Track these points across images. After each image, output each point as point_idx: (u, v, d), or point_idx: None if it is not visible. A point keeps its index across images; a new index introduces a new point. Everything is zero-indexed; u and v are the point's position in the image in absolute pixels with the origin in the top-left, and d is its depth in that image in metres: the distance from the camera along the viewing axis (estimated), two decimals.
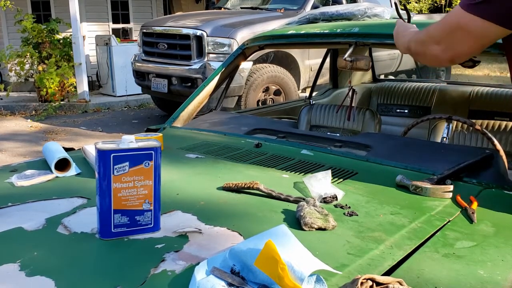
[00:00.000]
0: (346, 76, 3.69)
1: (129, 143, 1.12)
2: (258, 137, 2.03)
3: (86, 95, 8.29)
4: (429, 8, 17.00)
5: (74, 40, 8.10)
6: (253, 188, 1.39)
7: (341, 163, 1.66)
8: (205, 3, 12.56)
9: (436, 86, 3.42)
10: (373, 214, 1.27)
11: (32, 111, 7.85)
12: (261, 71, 5.99)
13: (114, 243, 1.11)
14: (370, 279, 0.87)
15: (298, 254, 0.94)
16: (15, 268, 1.00)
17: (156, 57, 6.45)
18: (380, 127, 2.68)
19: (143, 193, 1.14)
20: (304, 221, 1.17)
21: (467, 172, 1.51)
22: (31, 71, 8.29)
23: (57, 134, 6.40)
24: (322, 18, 2.51)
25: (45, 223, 1.22)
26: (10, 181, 1.54)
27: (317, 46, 2.84)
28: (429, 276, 0.98)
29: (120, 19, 10.91)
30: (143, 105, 8.47)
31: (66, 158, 1.61)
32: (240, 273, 0.93)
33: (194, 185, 1.49)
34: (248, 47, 2.51)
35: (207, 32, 5.86)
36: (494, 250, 1.10)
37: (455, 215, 1.27)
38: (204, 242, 1.10)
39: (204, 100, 2.47)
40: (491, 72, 12.32)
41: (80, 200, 1.37)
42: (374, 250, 1.07)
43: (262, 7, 6.93)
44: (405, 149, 1.81)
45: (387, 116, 3.44)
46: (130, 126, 6.91)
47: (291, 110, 3.36)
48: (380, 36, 2.06)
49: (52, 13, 10.00)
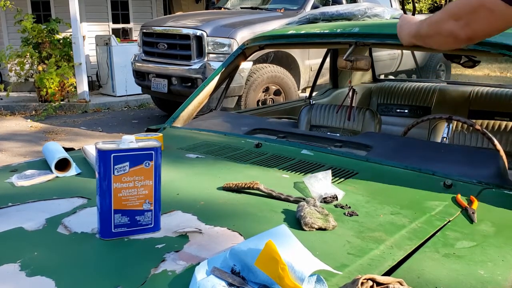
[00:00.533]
0: (346, 76, 3.69)
1: (129, 143, 1.12)
2: (258, 137, 2.03)
3: (86, 95, 8.29)
4: (429, 8, 17.02)
5: (74, 40, 8.10)
6: (253, 188, 1.39)
7: (341, 163, 1.66)
8: (205, 3, 12.57)
9: (436, 86, 3.42)
10: (373, 214, 1.27)
11: (32, 111, 7.85)
12: (261, 71, 5.99)
13: (114, 243, 1.11)
14: (371, 279, 0.87)
15: (298, 254, 0.94)
16: (15, 268, 1.00)
17: (156, 57, 6.45)
18: (380, 127, 2.68)
19: (144, 193, 1.14)
20: (304, 221, 1.17)
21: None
22: (31, 71, 8.29)
23: (57, 134, 6.40)
24: (322, 18, 2.51)
25: (45, 223, 1.22)
26: (10, 181, 1.54)
27: (317, 46, 2.84)
28: (430, 276, 0.98)
29: (120, 19, 10.91)
30: (143, 105, 8.47)
31: (66, 158, 1.61)
32: (240, 273, 0.93)
33: (194, 185, 1.49)
34: (248, 47, 2.51)
35: (207, 32, 5.86)
36: (495, 250, 1.10)
37: (455, 215, 1.27)
38: (204, 242, 1.10)
39: (204, 100, 2.47)
40: (491, 72, 12.32)
41: (80, 200, 1.37)
42: (374, 250, 1.07)
43: (262, 7, 6.93)
44: (405, 149, 1.81)
45: (387, 116, 3.44)
46: (130, 126, 6.91)
47: (291, 110, 3.36)
48: (380, 36, 2.06)
49: (52, 13, 10.00)
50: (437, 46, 1.34)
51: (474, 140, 2.28)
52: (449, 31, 1.21)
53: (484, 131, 2.08)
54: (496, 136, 2.12)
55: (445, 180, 1.46)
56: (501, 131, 2.32)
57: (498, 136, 2.21)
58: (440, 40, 1.28)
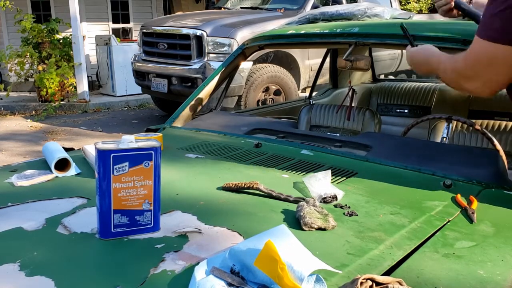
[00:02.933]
0: (346, 76, 3.69)
1: (129, 143, 1.12)
2: (258, 137, 2.03)
3: (86, 95, 8.29)
4: (429, 8, 16.99)
5: (74, 40, 8.10)
6: (253, 188, 1.39)
7: (341, 163, 1.66)
8: (205, 3, 12.56)
9: (436, 86, 3.42)
10: (373, 214, 1.27)
11: (32, 111, 7.85)
12: (261, 71, 5.99)
13: (114, 243, 1.11)
14: (370, 279, 0.86)
15: (298, 254, 0.94)
16: (15, 268, 1.00)
17: (156, 57, 6.45)
18: (380, 127, 2.67)
19: (143, 193, 1.14)
20: (304, 221, 1.17)
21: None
22: (31, 71, 8.29)
23: (57, 134, 6.40)
24: (322, 18, 2.51)
25: (45, 223, 1.22)
26: (10, 181, 1.54)
27: (317, 46, 2.84)
28: (429, 276, 0.98)
29: (120, 19, 10.91)
30: (143, 105, 8.47)
31: (66, 158, 1.61)
32: (239, 273, 0.93)
33: (194, 185, 1.49)
34: (248, 47, 2.51)
35: (207, 32, 5.86)
36: (494, 250, 1.10)
37: (455, 215, 1.27)
38: (204, 242, 1.10)
39: (204, 100, 2.47)
40: None
41: (80, 200, 1.37)
42: (374, 250, 1.07)
43: (262, 7, 6.93)
44: (405, 149, 1.81)
45: (387, 116, 3.44)
46: (130, 126, 6.91)
47: (291, 110, 3.36)
48: (380, 36, 2.06)
49: (52, 13, 10.00)
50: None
51: (474, 140, 2.28)
52: (472, 90, 1.19)
53: (484, 131, 2.08)
54: (496, 136, 2.12)
55: (445, 180, 1.46)
56: (501, 131, 2.32)
57: (498, 136, 2.21)
58: (465, 91, 1.27)
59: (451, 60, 1.25)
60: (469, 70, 1.16)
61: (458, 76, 1.21)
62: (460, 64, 1.19)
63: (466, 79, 1.18)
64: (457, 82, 1.23)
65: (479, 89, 1.16)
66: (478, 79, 1.15)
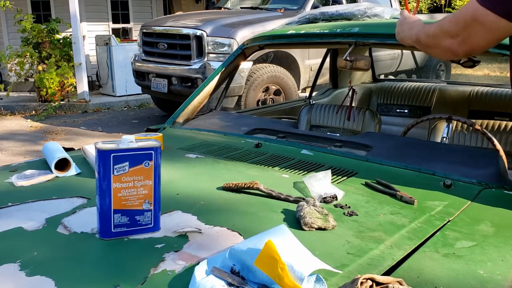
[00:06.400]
0: (346, 76, 3.69)
1: (129, 143, 1.12)
2: (258, 137, 2.03)
3: (86, 95, 8.29)
4: (428, 8, 17.02)
5: (74, 40, 8.10)
6: (253, 188, 1.39)
7: (341, 163, 1.66)
8: (205, 3, 12.56)
9: (436, 86, 3.42)
10: (373, 214, 1.27)
11: (32, 111, 7.85)
12: (261, 71, 5.99)
13: (114, 243, 1.11)
14: (370, 279, 0.87)
15: (298, 254, 0.94)
16: (15, 268, 1.00)
17: (156, 57, 6.45)
18: (380, 127, 2.68)
19: (143, 193, 1.14)
20: (304, 221, 1.17)
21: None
22: (31, 71, 8.29)
23: (57, 134, 6.40)
24: (322, 18, 2.51)
25: (45, 223, 1.22)
26: (10, 181, 1.54)
27: (317, 46, 2.84)
28: (429, 276, 0.98)
29: (120, 19, 10.91)
30: (143, 105, 8.47)
31: (66, 158, 1.61)
32: (240, 273, 0.93)
33: (194, 185, 1.49)
34: (248, 47, 2.51)
35: (207, 32, 5.86)
36: (494, 250, 1.10)
37: (455, 215, 1.27)
38: (204, 242, 1.10)
39: (204, 100, 2.47)
40: (491, 72, 12.32)
41: (80, 200, 1.37)
42: (374, 250, 1.07)
43: (262, 7, 6.93)
44: (405, 149, 1.81)
45: (387, 116, 3.44)
46: (130, 126, 6.91)
47: (291, 110, 3.35)
48: (380, 36, 2.06)
49: (52, 13, 9.99)
50: (436, 57, 1.35)
51: (474, 140, 2.28)
52: (447, 47, 1.21)
53: (484, 131, 2.08)
54: (496, 136, 2.12)
55: (445, 180, 1.46)
56: (501, 131, 2.32)
57: (498, 136, 2.21)
58: (439, 53, 1.29)
59: (438, 22, 1.26)
60: (453, 26, 1.18)
61: (440, 31, 1.23)
62: (446, 21, 1.22)
63: (446, 35, 1.20)
64: (436, 38, 1.24)
65: (454, 46, 1.18)
66: (458, 36, 1.17)
